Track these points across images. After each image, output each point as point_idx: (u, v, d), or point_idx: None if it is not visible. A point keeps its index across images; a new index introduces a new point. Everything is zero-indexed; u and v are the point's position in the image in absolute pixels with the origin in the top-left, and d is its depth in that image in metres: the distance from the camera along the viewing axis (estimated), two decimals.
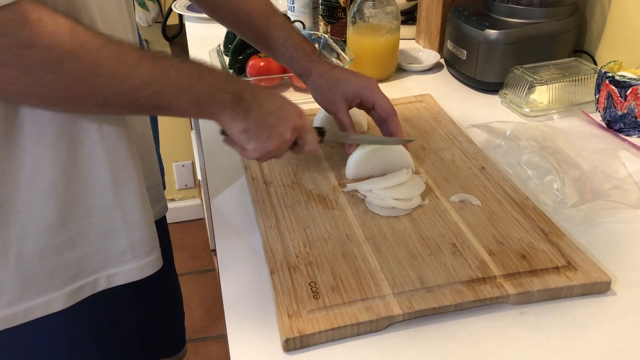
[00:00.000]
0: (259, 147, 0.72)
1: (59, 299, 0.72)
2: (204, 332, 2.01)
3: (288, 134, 0.74)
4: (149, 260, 0.78)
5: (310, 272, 0.72)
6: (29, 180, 0.65)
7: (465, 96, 1.22)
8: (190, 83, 0.65)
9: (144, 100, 0.62)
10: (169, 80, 0.63)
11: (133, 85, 0.60)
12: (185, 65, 0.66)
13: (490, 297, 0.68)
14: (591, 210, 0.85)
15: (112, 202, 0.72)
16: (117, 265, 0.75)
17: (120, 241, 0.74)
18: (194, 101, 0.66)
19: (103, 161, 0.69)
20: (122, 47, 0.59)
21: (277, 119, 0.73)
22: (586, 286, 0.70)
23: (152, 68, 0.61)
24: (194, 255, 2.31)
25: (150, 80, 0.61)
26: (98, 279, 0.75)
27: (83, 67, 0.56)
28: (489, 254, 0.74)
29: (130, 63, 0.60)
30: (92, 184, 0.70)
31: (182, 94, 0.64)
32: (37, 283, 0.69)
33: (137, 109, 0.65)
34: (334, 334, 0.64)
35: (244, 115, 0.70)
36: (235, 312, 0.70)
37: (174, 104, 0.65)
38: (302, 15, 1.43)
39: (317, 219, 0.81)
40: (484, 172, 0.91)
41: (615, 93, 1.02)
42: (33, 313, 0.70)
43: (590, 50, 1.27)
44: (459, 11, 1.23)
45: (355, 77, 0.90)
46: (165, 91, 0.63)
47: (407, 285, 0.69)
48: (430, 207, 0.83)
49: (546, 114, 1.11)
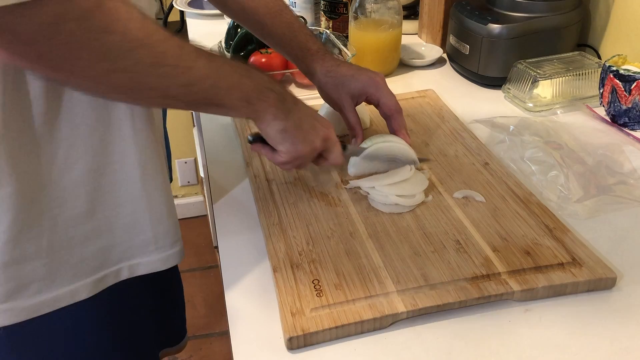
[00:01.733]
0: (292, 149, 0.74)
1: (84, 288, 0.73)
2: (207, 329, 2.01)
3: (319, 141, 0.76)
4: (172, 252, 0.79)
5: (313, 269, 0.71)
6: (62, 170, 0.67)
7: (468, 91, 1.21)
8: (241, 80, 0.67)
9: (202, 94, 0.64)
10: (225, 75, 0.65)
11: (193, 78, 0.61)
12: (235, 62, 0.68)
13: (494, 294, 0.67)
14: (595, 206, 0.85)
15: (140, 194, 0.73)
16: (140, 256, 0.77)
17: (145, 232, 0.76)
18: (245, 97, 0.68)
19: (133, 154, 0.71)
20: (183, 41, 0.61)
21: (311, 125, 0.75)
22: (591, 282, 0.69)
23: (209, 62, 0.63)
24: (196, 252, 2.31)
25: (208, 74, 0.63)
26: (121, 268, 0.76)
27: (152, 55, 0.57)
28: (493, 250, 0.74)
29: (192, 55, 0.61)
30: (122, 176, 0.71)
31: (235, 89, 0.66)
32: (65, 272, 0.71)
33: (194, 103, 0.66)
34: (338, 332, 0.64)
35: (284, 115, 0.71)
36: (237, 310, 0.70)
37: (227, 99, 0.66)
38: (303, 11, 1.42)
39: (319, 216, 0.81)
40: (488, 167, 0.91)
41: (619, 87, 1.02)
42: (60, 302, 0.71)
43: (594, 44, 1.26)
44: (462, 5, 1.22)
45: (361, 73, 0.90)
46: (220, 85, 0.64)
47: (410, 282, 0.69)
48: (433, 204, 0.83)
49: (550, 108, 1.10)
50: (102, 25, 0.52)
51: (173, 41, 0.59)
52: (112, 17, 0.53)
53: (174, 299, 1.04)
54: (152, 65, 0.58)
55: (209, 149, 1.03)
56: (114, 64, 0.55)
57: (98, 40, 0.53)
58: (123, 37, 0.54)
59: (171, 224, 0.78)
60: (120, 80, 0.58)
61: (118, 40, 0.54)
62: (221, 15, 1.62)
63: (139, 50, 0.56)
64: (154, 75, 0.59)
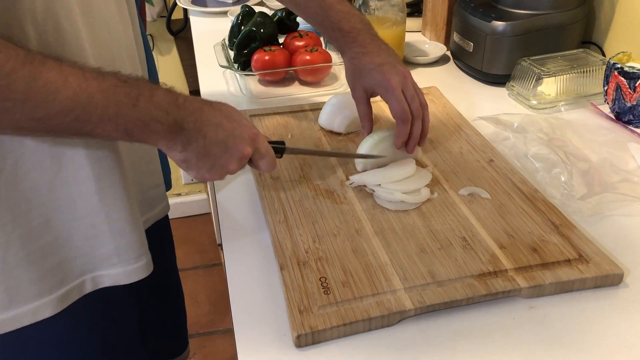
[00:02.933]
0: (199, 177, 0.70)
1: (47, 305, 0.71)
2: (211, 327, 2.01)
3: (232, 165, 0.69)
4: (137, 266, 0.77)
5: (320, 267, 0.72)
6: (11, 183, 0.64)
7: (472, 88, 1.21)
8: (119, 110, 0.60)
9: (63, 126, 0.58)
10: (94, 108, 0.58)
11: (50, 112, 0.56)
12: (123, 89, 0.60)
13: (502, 290, 0.68)
14: (599, 203, 0.85)
15: (97, 208, 0.71)
16: (102, 269, 0.75)
17: (106, 245, 0.74)
18: (122, 129, 0.61)
19: (87, 167, 0.68)
20: (43, 69, 0.55)
21: (221, 149, 0.68)
22: (598, 279, 0.70)
23: (77, 94, 0.57)
24: (200, 250, 2.32)
25: (71, 107, 0.57)
26: (84, 281, 0.75)
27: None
28: (499, 247, 0.74)
29: (51, 87, 0.55)
30: (76, 189, 0.69)
31: (108, 121, 0.60)
32: (24, 290, 0.69)
33: (56, 133, 0.61)
34: (346, 329, 0.64)
35: (182, 146, 0.66)
36: (242, 307, 0.70)
37: (98, 131, 0.60)
38: None
39: (325, 213, 0.81)
40: (493, 164, 0.91)
41: (624, 84, 1.02)
42: (21, 321, 0.70)
43: (599, 41, 1.26)
44: (466, 3, 1.22)
45: (380, 69, 0.84)
46: (87, 118, 0.58)
47: (418, 279, 0.69)
48: (439, 201, 0.83)
49: (554, 106, 1.10)
50: None
51: (27, 71, 0.54)
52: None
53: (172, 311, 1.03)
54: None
55: None
56: None
57: None
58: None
59: (134, 238, 0.76)
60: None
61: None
62: (225, 13, 1.62)
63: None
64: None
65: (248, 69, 1.22)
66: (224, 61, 1.20)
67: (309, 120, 1.06)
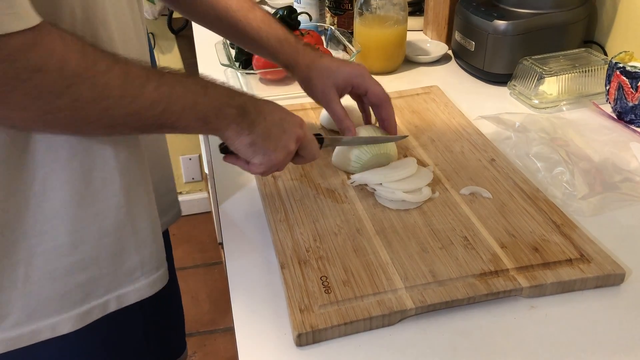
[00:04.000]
0: (266, 160, 0.72)
1: (67, 321, 0.70)
2: (211, 325, 2.01)
3: (292, 145, 0.73)
4: (158, 275, 0.77)
5: (321, 266, 0.71)
6: (39, 199, 0.63)
7: (473, 88, 1.21)
8: (196, 99, 0.63)
9: (152, 120, 0.60)
10: (176, 98, 0.61)
11: (142, 105, 0.58)
12: (190, 80, 0.64)
13: (503, 290, 0.68)
14: (601, 203, 0.84)
15: (125, 220, 0.70)
16: (127, 285, 0.73)
17: (131, 259, 0.73)
18: (201, 117, 0.64)
19: (117, 179, 0.67)
20: (129, 66, 0.57)
21: (280, 130, 0.72)
22: (600, 278, 0.69)
23: (159, 86, 0.59)
24: (201, 249, 2.32)
25: (158, 99, 0.59)
26: (109, 300, 0.73)
27: (93, 90, 0.54)
28: (501, 246, 0.74)
29: (138, 82, 0.58)
30: (105, 204, 0.67)
31: (189, 111, 0.63)
32: (45, 305, 0.67)
33: (144, 128, 0.63)
34: (347, 328, 0.64)
35: (249, 129, 0.69)
36: (242, 307, 0.70)
37: (181, 122, 0.63)
38: (308, 7, 1.42)
39: (326, 212, 0.81)
40: (494, 164, 0.91)
41: (626, 84, 1.01)
42: (39, 335, 0.68)
43: (601, 40, 1.26)
44: (467, 2, 1.22)
45: (345, 65, 0.89)
46: (172, 109, 0.61)
47: (419, 279, 0.69)
48: (440, 200, 0.83)
49: (556, 105, 1.10)
50: (35, 65, 0.49)
51: (118, 68, 0.56)
52: (46, 54, 0.50)
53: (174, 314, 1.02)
54: (93, 99, 0.54)
55: (214, 145, 1.03)
56: (50, 103, 0.52)
57: (30, 80, 0.50)
58: (59, 74, 0.51)
59: (156, 246, 0.75)
60: (59, 118, 0.54)
61: (53, 78, 0.51)
62: None
63: (78, 87, 0.53)
64: (97, 109, 0.56)
65: (249, 68, 1.22)
66: (225, 60, 1.20)
67: (310, 118, 1.06)
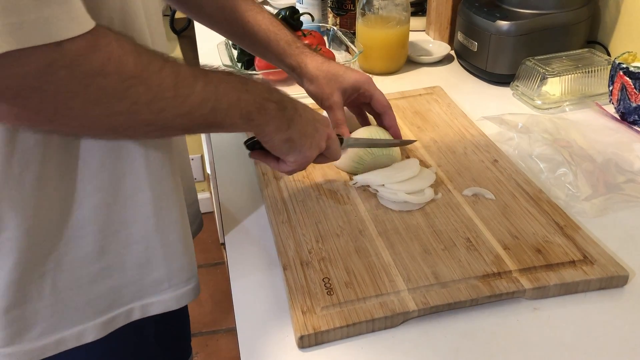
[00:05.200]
0: (300, 158, 0.72)
1: (92, 330, 0.69)
2: (214, 326, 2.01)
3: (323, 143, 0.74)
4: (187, 289, 0.75)
5: (323, 267, 0.71)
6: (71, 208, 0.63)
7: (476, 88, 1.21)
8: (240, 96, 0.63)
9: (201, 119, 0.60)
10: (223, 95, 0.61)
11: (193, 105, 0.57)
12: (232, 77, 0.63)
13: (506, 292, 0.67)
14: (604, 204, 0.84)
15: (153, 231, 0.69)
16: (152, 295, 0.72)
17: (158, 270, 0.71)
18: (245, 114, 0.64)
19: (147, 189, 0.66)
20: (178, 65, 0.56)
21: (313, 128, 0.73)
22: (603, 280, 0.69)
23: (207, 84, 0.59)
24: (203, 249, 2.32)
25: (207, 97, 0.59)
26: (133, 309, 0.72)
27: (149, 91, 0.53)
28: (503, 248, 0.73)
29: (188, 81, 0.57)
30: (134, 212, 0.67)
31: (234, 107, 0.62)
32: (71, 313, 0.67)
33: (192, 128, 0.61)
34: (349, 330, 0.64)
35: (287, 125, 0.69)
36: (244, 308, 0.70)
37: (227, 119, 0.62)
38: (310, 7, 1.42)
39: (328, 214, 0.81)
40: (497, 165, 0.90)
41: (629, 84, 1.01)
42: (65, 344, 0.67)
43: (604, 41, 1.25)
44: (470, 2, 1.22)
45: (351, 71, 0.91)
46: (220, 107, 0.60)
47: (421, 280, 0.69)
48: (443, 201, 0.83)
49: (559, 106, 1.10)
50: (96, 69, 0.48)
51: (169, 68, 0.55)
52: (105, 57, 0.48)
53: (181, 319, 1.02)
54: (149, 101, 0.54)
55: (216, 145, 1.03)
56: (110, 107, 0.51)
57: (92, 85, 0.48)
58: (118, 77, 0.50)
59: (187, 260, 0.74)
60: (116, 122, 0.53)
61: (113, 81, 0.49)
62: None
63: (136, 88, 0.52)
64: (152, 111, 0.55)
65: (251, 69, 1.22)
66: (228, 60, 1.20)
67: None
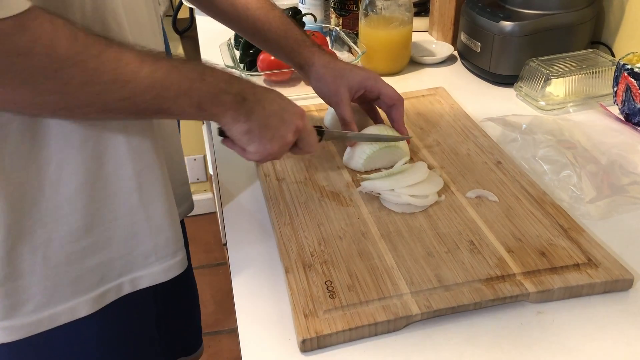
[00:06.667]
0: (261, 149, 0.72)
1: (84, 305, 0.71)
2: (216, 326, 2.01)
3: (290, 135, 0.73)
4: (174, 262, 0.77)
5: (325, 270, 0.71)
6: (54, 184, 0.65)
7: (479, 89, 1.20)
8: (192, 85, 0.63)
9: (145, 105, 0.60)
10: (171, 83, 0.61)
11: (135, 90, 0.58)
12: (187, 66, 0.64)
13: (510, 295, 0.67)
14: (609, 206, 0.84)
15: (137, 205, 0.71)
16: (141, 269, 0.75)
17: (145, 243, 0.73)
18: (196, 103, 0.64)
19: (129, 163, 0.68)
20: (122, 50, 0.57)
21: (279, 120, 0.72)
22: (608, 284, 0.69)
23: (154, 71, 0.59)
24: (205, 249, 2.32)
25: (152, 84, 0.59)
26: (123, 283, 0.74)
27: (84, 74, 0.54)
28: (507, 251, 0.73)
29: (132, 67, 0.57)
30: (117, 187, 0.69)
31: (184, 96, 0.63)
32: (63, 289, 0.69)
33: (138, 113, 0.63)
34: (352, 334, 0.64)
35: (246, 117, 0.69)
36: (246, 311, 0.70)
37: (175, 107, 0.63)
38: (313, 7, 1.41)
39: (331, 216, 0.80)
40: (500, 166, 0.90)
41: (634, 85, 1.00)
42: (58, 319, 0.70)
43: (608, 41, 1.25)
44: (473, 2, 1.21)
45: (358, 68, 0.91)
46: (166, 94, 0.61)
47: (424, 284, 0.68)
48: (446, 204, 0.82)
49: (562, 107, 1.09)
50: (21, 48, 0.50)
51: (111, 53, 0.56)
52: (33, 38, 0.50)
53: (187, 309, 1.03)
54: (84, 84, 0.55)
55: (218, 146, 1.03)
56: (38, 87, 0.53)
57: (16, 64, 0.50)
58: (47, 58, 0.51)
59: (172, 233, 0.76)
60: (49, 102, 0.55)
61: (40, 61, 0.51)
62: None
63: (68, 70, 0.53)
64: (88, 94, 0.56)
65: (254, 69, 1.21)
66: (230, 61, 1.20)
67: (315, 120, 1.05)
